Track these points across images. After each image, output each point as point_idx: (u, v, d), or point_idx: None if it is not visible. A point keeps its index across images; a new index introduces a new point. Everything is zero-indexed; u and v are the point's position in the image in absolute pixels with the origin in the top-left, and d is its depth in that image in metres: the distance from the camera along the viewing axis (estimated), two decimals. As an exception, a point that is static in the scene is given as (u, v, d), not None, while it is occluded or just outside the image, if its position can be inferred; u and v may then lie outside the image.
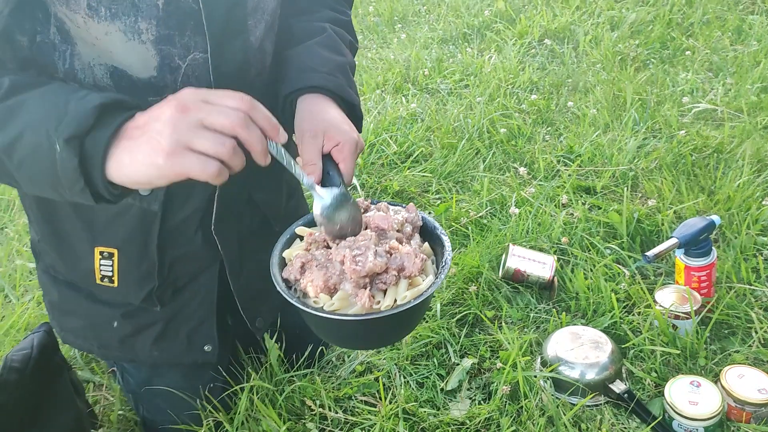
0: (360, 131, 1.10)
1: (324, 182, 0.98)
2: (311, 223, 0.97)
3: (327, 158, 0.99)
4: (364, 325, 0.86)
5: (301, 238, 0.96)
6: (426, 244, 0.94)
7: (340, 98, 1.06)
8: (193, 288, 1.17)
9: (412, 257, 0.86)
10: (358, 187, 2.13)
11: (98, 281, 1.14)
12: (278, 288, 0.87)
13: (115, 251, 1.11)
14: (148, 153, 0.74)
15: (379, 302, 0.85)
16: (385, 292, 0.86)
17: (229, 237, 1.15)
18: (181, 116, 0.74)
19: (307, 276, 0.87)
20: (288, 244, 0.96)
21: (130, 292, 1.15)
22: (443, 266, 0.88)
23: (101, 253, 1.11)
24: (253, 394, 1.32)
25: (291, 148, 1.04)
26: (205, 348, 1.22)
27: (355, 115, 1.08)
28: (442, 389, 1.37)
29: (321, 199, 0.90)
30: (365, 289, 0.85)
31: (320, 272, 0.86)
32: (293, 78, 1.07)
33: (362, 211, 0.95)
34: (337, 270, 0.87)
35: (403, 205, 0.98)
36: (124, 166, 0.76)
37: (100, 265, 1.12)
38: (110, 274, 1.13)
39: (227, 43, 1.00)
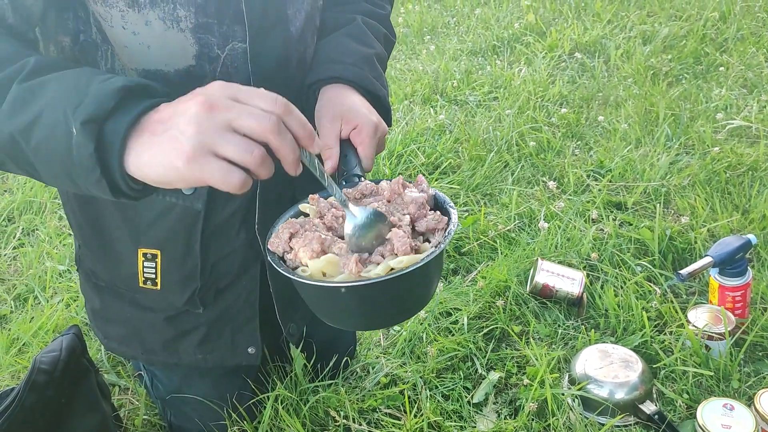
0: (389, 123, 1.08)
1: (341, 166, 0.96)
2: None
3: (346, 143, 0.97)
4: (355, 293, 0.79)
5: (306, 215, 0.91)
6: (437, 212, 0.88)
7: (364, 89, 1.05)
8: (236, 289, 1.17)
9: (403, 238, 0.80)
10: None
11: (141, 284, 1.14)
12: (269, 258, 0.83)
13: (158, 252, 1.11)
14: (168, 153, 0.68)
15: (369, 270, 0.79)
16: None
17: None
18: (207, 115, 0.67)
19: (299, 242, 0.82)
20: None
21: (173, 294, 1.15)
22: (446, 236, 0.83)
23: (144, 254, 1.11)
24: (277, 404, 1.32)
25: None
26: (249, 350, 1.22)
27: (381, 107, 1.07)
28: (468, 402, 1.35)
29: (353, 217, 0.83)
30: (356, 254, 0.79)
31: (314, 235, 0.82)
32: (317, 68, 1.07)
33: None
34: (329, 234, 0.83)
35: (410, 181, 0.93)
36: (143, 163, 0.70)
37: (144, 267, 1.12)
38: (153, 276, 1.13)
39: (267, 33, 0.99)
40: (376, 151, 0.98)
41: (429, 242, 0.84)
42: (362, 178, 0.94)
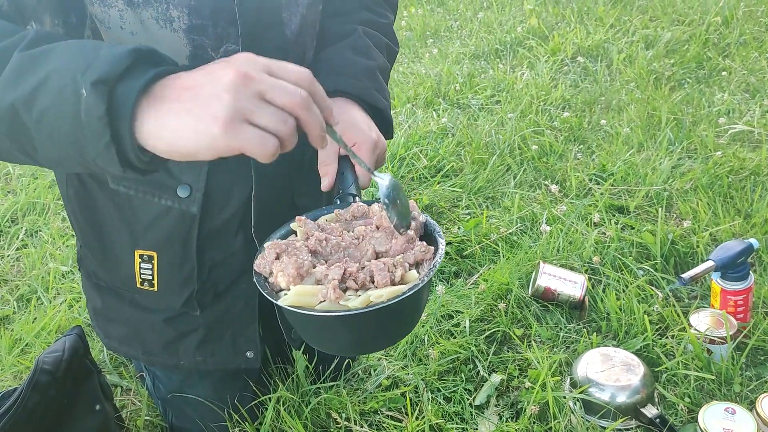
0: (390, 136, 1.09)
1: (337, 183, 0.96)
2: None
3: (344, 159, 0.98)
4: (334, 321, 0.78)
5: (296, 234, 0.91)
6: (424, 243, 0.87)
7: (366, 103, 1.05)
8: (235, 293, 1.17)
9: (383, 270, 0.80)
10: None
11: (139, 285, 1.15)
12: (254, 279, 0.83)
13: (155, 254, 1.11)
14: (202, 119, 0.66)
15: (349, 299, 0.78)
16: (357, 291, 0.80)
17: None
18: (244, 83, 0.67)
19: (278, 266, 0.81)
20: (283, 239, 0.90)
21: (170, 295, 1.15)
22: (431, 268, 0.82)
23: (141, 256, 1.12)
24: (279, 405, 1.32)
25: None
26: (248, 354, 1.22)
27: (383, 119, 1.07)
28: (470, 404, 1.35)
29: (382, 180, 0.86)
30: (334, 280, 0.78)
31: (291, 259, 0.81)
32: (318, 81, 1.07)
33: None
34: (307, 258, 0.82)
35: None
36: (168, 129, 0.68)
37: (141, 268, 1.13)
38: (150, 277, 1.13)
39: (261, 35, 1.00)
40: (374, 167, 0.98)
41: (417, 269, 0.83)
42: (357, 198, 0.95)
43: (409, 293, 0.77)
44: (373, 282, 0.80)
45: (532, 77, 2.98)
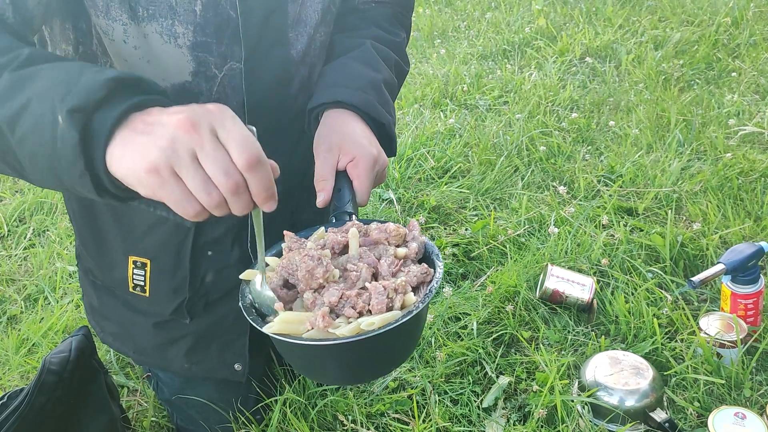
0: (392, 153, 1.06)
1: (333, 201, 0.93)
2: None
3: (342, 174, 0.94)
4: (323, 350, 0.74)
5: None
6: (424, 264, 0.85)
7: (368, 116, 1.02)
8: (227, 305, 1.17)
9: (381, 295, 0.76)
10: (395, 201, 2.13)
11: (131, 290, 1.16)
12: (240, 303, 0.81)
13: (148, 261, 1.12)
14: (136, 157, 0.65)
15: (339, 325, 0.75)
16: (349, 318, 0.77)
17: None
18: (183, 135, 0.64)
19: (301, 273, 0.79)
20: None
21: (161, 302, 1.16)
22: (427, 294, 0.78)
23: (134, 262, 1.12)
24: (285, 407, 1.31)
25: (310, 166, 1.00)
26: (236, 367, 1.22)
27: (385, 135, 1.04)
28: (477, 406, 1.35)
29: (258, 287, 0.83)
30: (325, 307, 0.76)
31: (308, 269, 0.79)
32: (320, 92, 1.05)
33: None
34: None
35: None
36: (116, 158, 0.66)
37: (134, 274, 1.14)
38: (142, 283, 1.14)
39: (264, 54, 0.99)
40: (373, 185, 0.96)
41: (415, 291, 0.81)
42: (353, 216, 0.92)
43: (402, 321, 0.74)
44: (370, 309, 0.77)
45: (540, 78, 2.97)
